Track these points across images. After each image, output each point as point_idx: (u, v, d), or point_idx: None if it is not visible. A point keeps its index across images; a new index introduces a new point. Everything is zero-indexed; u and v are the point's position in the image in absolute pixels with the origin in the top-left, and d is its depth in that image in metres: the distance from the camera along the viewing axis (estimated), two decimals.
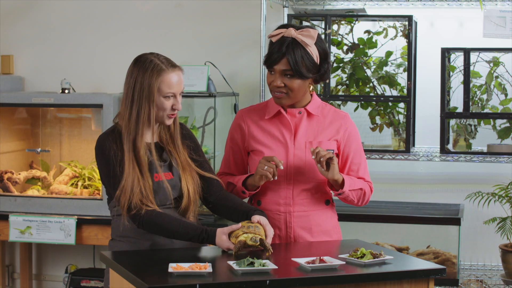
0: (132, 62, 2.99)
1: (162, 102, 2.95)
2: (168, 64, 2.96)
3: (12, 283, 5.23)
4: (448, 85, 4.40)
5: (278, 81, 3.09)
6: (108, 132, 3.02)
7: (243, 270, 2.54)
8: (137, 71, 2.95)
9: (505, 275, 4.30)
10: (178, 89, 2.98)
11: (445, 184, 4.68)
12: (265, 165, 3.05)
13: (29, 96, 4.60)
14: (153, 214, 2.88)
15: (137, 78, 2.93)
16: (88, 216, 4.43)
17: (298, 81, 3.09)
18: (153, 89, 2.91)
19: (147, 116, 2.93)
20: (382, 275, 2.62)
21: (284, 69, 3.07)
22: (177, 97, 2.98)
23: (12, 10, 5.16)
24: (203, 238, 2.87)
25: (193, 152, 3.10)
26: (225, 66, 4.73)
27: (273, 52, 3.08)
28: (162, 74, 2.93)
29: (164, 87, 2.93)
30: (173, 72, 2.96)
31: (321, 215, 3.18)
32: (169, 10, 4.97)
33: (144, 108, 2.92)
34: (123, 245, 3.00)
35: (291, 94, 3.11)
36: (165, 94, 2.94)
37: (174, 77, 2.96)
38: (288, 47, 3.05)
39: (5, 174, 4.67)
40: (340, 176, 3.09)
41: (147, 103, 2.92)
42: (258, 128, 3.21)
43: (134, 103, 2.93)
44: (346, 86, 4.51)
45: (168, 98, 2.96)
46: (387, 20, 4.50)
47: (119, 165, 2.92)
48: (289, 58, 3.04)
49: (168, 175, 3.00)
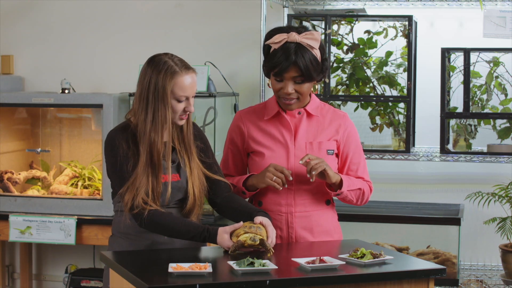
0: (146, 62, 2.97)
1: (175, 105, 2.92)
2: (182, 66, 2.93)
3: (12, 283, 5.23)
4: (448, 85, 4.40)
5: (289, 89, 3.07)
6: (119, 129, 2.99)
7: (243, 270, 2.54)
8: (151, 72, 2.92)
9: (505, 275, 4.30)
10: (191, 92, 2.95)
11: (445, 184, 4.68)
12: (273, 175, 3.04)
13: (29, 96, 4.60)
14: (155, 213, 2.88)
15: (151, 79, 2.91)
16: (88, 216, 4.43)
17: (307, 84, 3.09)
18: (167, 91, 2.89)
19: (164, 118, 2.90)
20: (382, 275, 2.62)
21: (294, 75, 3.05)
22: (190, 100, 2.95)
23: (12, 10, 5.16)
24: (204, 237, 2.87)
25: (203, 153, 3.09)
26: (225, 66, 4.73)
27: (280, 60, 3.03)
28: (175, 77, 2.90)
29: (178, 90, 2.90)
30: (187, 75, 2.93)
31: (322, 215, 3.19)
32: (169, 10, 4.97)
33: (161, 109, 2.90)
34: (123, 242, 3.00)
35: (301, 98, 3.11)
36: (177, 97, 2.91)
37: (188, 79, 2.92)
38: (296, 54, 3.02)
39: (5, 174, 4.67)
40: (338, 177, 3.09)
41: (162, 104, 2.90)
42: (257, 129, 3.20)
43: (150, 104, 2.90)
44: (346, 86, 4.51)
45: (181, 101, 2.93)
46: (387, 20, 4.50)
47: (127, 163, 2.90)
48: (300, 65, 3.01)
49: (175, 176, 2.99)
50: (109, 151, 2.96)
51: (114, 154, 2.93)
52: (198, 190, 3.01)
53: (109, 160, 2.97)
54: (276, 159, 3.13)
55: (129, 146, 2.93)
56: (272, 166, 3.07)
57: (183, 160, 3.01)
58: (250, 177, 3.15)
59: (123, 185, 2.90)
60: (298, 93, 3.08)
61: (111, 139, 2.96)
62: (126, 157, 2.91)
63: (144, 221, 2.88)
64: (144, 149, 2.90)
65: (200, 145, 3.09)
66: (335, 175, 3.08)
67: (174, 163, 3.00)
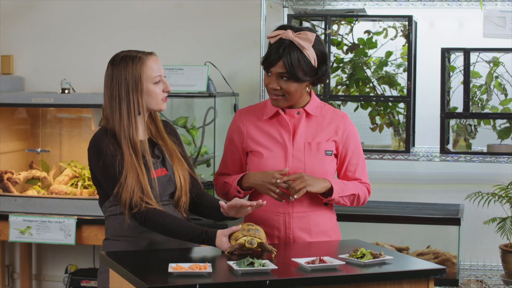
0: (108, 65, 3.02)
1: (153, 89, 2.98)
2: (144, 53, 3.01)
3: (12, 283, 5.23)
4: (448, 85, 4.40)
5: (274, 84, 3.08)
6: (101, 134, 3.01)
7: (243, 270, 2.55)
8: (117, 70, 2.97)
9: (505, 275, 4.30)
10: (162, 71, 3.02)
11: (445, 184, 4.68)
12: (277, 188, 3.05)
13: (29, 96, 4.60)
14: (155, 212, 2.89)
15: (119, 76, 2.96)
16: (88, 216, 4.43)
17: (295, 84, 3.08)
18: (139, 78, 2.95)
19: (137, 107, 2.96)
20: (382, 275, 2.62)
21: (280, 71, 3.05)
22: (163, 79, 3.02)
23: (12, 10, 5.16)
24: (203, 240, 2.87)
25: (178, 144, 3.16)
26: (225, 66, 4.73)
27: (270, 54, 3.06)
28: (143, 62, 2.97)
29: (150, 72, 2.97)
30: (152, 57, 3.01)
31: (320, 215, 3.18)
32: (169, 10, 4.97)
33: (133, 100, 2.95)
34: (119, 244, 3.00)
35: (287, 96, 3.11)
36: (152, 79, 2.97)
37: (155, 61, 3.00)
38: (284, 50, 3.03)
39: (5, 174, 4.67)
40: (328, 184, 3.09)
41: (135, 94, 2.95)
42: (256, 129, 3.20)
43: (122, 101, 2.96)
44: (346, 86, 4.51)
45: (157, 83, 2.99)
46: (387, 20, 4.50)
47: (117, 165, 2.92)
48: (285, 61, 3.03)
49: (162, 171, 3.03)
50: (97, 156, 2.97)
51: (103, 157, 2.95)
52: (183, 177, 3.06)
53: (98, 164, 2.97)
54: (274, 160, 3.13)
55: (114, 147, 2.96)
56: (274, 176, 3.06)
57: (165, 152, 3.06)
58: (246, 176, 3.15)
59: (116, 185, 2.91)
60: (284, 90, 3.09)
61: (96, 143, 2.99)
62: (114, 157, 2.94)
63: (144, 219, 2.89)
64: (126, 144, 2.94)
65: (176, 140, 3.16)
66: (322, 186, 3.08)
67: (159, 159, 3.05)
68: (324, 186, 3.08)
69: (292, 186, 3.03)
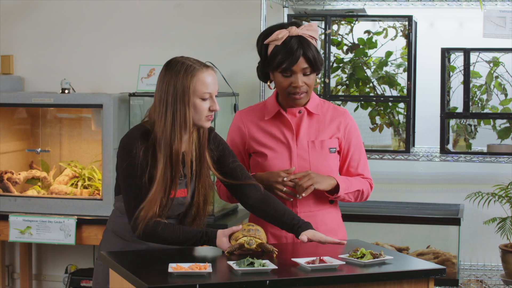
0: (163, 67, 2.90)
1: (199, 104, 2.85)
2: (200, 64, 2.88)
3: (12, 283, 5.23)
4: (448, 85, 4.40)
5: (299, 82, 3.06)
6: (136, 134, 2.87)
7: (243, 270, 2.54)
8: (169, 75, 2.85)
9: (505, 275, 4.30)
10: (214, 89, 2.88)
11: (445, 184, 4.68)
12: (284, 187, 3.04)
13: (29, 96, 4.60)
14: (152, 224, 2.83)
15: (170, 81, 2.84)
16: (88, 216, 4.43)
17: (313, 76, 3.10)
18: (188, 90, 2.82)
19: (184, 118, 2.82)
20: (382, 275, 2.62)
21: (304, 67, 3.05)
22: (213, 98, 2.89)
23: (12, 10, 5.16)
24: (204, 241, 2.85)
25: (222, 159, 3.01)
26: (225, 66, 4.72)
27: (287, 55, 3.04)
28: (196, 74, 2.84)
29: (200, 86, 2.83)
30: (207, 72, 2.87)
31: (326, 214, 3.18)
32: (169, 10, 4.97)
33: (180, 110, 2.82)
34: (119, 241, 2.98)
35: (309, 91, 3.12)
36: (201, 94, 2.84)
37: (209, 76, 2.87)
38: (303, 46, 3.03)
39: (5, 174, 4.67)
40: (333, 181, 3.10)
41: (182, 104, 2.81)
42: (258, 129, 3.20)
43: (169, 107, 2.82)
44: (346, 86, 4.51)
45: (205, 100, 2.86)
46: (387, 20, 4.50)
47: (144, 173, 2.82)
48: (309, 56, 3.03)
49: (183, 191, 2.93)
50: (124, 156, 2.85)
51: (129, 160, 2.83)
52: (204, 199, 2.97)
53: (122, 165, 2.86)
54: (279, 160, 3.13)
55: (146, 154, 2.83)
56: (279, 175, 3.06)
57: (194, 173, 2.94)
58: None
59: (137, 198, 2.81)
60: (307, 85, 3.08)
61: (127, 143, 2.86)
62: (141, 165, 2.82)
63: (141, 232, 2.83)
64: (164, 155, 2.82)
65: (216, 153, 3.01)
66: (328, 184, 3.08)
67: (185, 178, 2.93)
68: (330, 184, 3.09)
69: (299, 184, 3.03)
